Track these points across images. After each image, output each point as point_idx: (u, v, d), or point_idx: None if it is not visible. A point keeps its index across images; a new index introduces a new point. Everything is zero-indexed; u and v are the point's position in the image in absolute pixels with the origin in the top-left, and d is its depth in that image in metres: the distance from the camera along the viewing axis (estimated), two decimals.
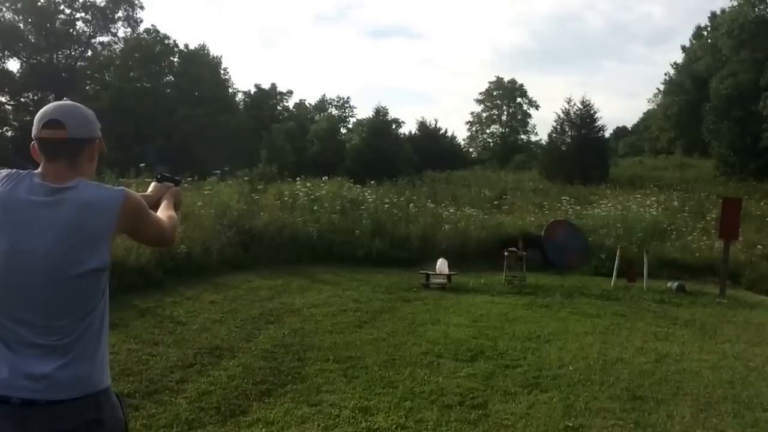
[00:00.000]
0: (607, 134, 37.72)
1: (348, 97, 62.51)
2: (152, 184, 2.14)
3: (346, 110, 59.07)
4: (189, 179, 14.80)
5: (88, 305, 1.64)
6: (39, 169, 1.68)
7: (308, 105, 58.91)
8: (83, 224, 1.60)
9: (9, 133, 40.18)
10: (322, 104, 59.53)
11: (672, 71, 46.57)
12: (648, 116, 52.46)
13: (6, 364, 1.56)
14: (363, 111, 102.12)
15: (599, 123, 32.33)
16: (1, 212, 1.61)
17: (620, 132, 59.40)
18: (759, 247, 12.84)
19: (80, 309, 1.62)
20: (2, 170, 1.71)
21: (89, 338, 1.64)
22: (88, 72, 41.96)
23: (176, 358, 5.27)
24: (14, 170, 1.69)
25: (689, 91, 40.32)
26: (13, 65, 40.88)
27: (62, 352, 1.58)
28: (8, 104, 40.56)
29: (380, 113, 42.56)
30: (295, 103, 57.18)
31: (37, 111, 1.74)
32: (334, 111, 58.27)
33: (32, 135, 1.70)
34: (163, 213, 1.95)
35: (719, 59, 35.35)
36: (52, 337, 1.58)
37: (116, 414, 1.69)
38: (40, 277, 1.58)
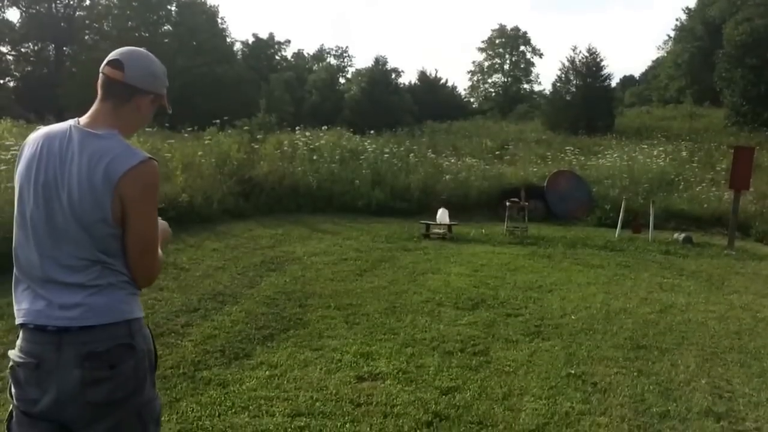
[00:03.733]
0: (613, 83, 36.87)
1: (346, 47, 61.17)
2: None
3: (345, 60, 57.90)
4: (189, 129, 14.59)
5: (113, 247, 1.67)
6: (84, 115, 1.74)
7: (306, 54, 57.79)
8: (92, 175, 1.62)
9: (11, 84, 39.97)
10: (321, 54, 58.30)
11: (683, 17, 45.07)
12: (657, 64, 51.11)
13: (41, 297, 1.65)
14: (362, 60, 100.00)
15: (605, 72, 31.62)
16: (39, 151, 1.67)
17: (627, 81, 58.18)
18: None
19: (106, 250, 1.66)
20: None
21: (118, 274, 1.69)
22: (87, 22, 41.15)
23: (181, 303, 5.29)
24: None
25: (701, 38, 39.11)
26: (13, 15, 40.14)
27: (93, 286, 1.65)
28: (9, 54, 40.12)
29: (379, 63, 41.70)
30: (294, 53, 56.18)
31: (38, 61, 1.72)
32: (332, 61, 57.10)
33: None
34: None
35: (734, 3, 34.05)
36: (82, 274, 1.64)
37: (147, 343, 1.75)
38: (68, 218, 1.63)
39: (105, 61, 1.74)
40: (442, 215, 10.44)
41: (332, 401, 3.46)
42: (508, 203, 11.09)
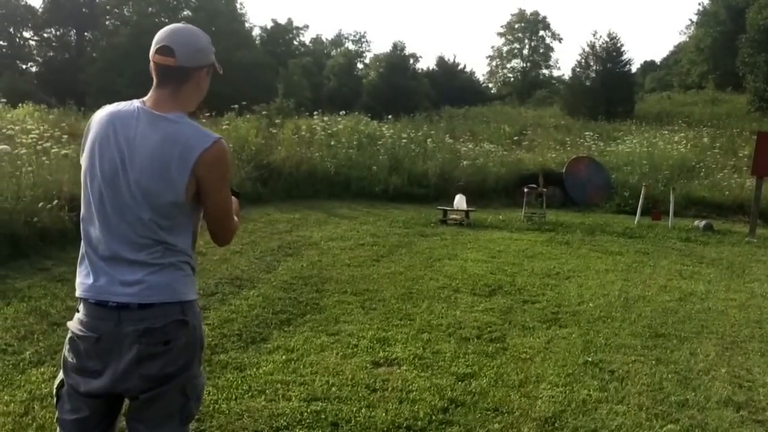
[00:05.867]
0: (634, 69, 36.29)
1: (365, 32, 60.81)
2: None
3: (363, 45, 57.67)
4: (207, 115, 14.65)
5: (178, 225, 1.73)
6: (146, 97, 1.78)
7: (324, 40, 57.66)
8: (165, 158, 1.67)
9: (33, 69, 40.81)
10: (339, 39, 58.13)
11: (706, 1, 43.95)
12: (679, 49, 50.10)
13: (104, 273, 1.71)
14: (380, 46, 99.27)
15: (626, 57, 31.17)
16: (106, 130, 1.71)
17: (648, 66, 57.05)
18: None
19: (171, 228, 1.72)
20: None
21: (179, 254, 1.76)
22: (108, 7, 41.44)
23: (198, 287, 5.27)
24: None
25: (724, 22, 38.19)
26: (36, 1, 40.72)
27: (154, 264, 1.71)
28: (32, 40, 40.93)
29: (397, 48, 41.46)
30: (312, 38, 56.08)
31: (60, 46, 1.74)
32: (350, 46, 56.91)
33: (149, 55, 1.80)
34: None
35: None
36: (145, 252, 1.70)
37: (198, 321, 1.84)
38: (136, 197, 1.68)
39: (153, 48, 1.75)
40: (460, 201, 10.39)
41: (348, 386, 3.49)
42: (526, 189, 10.99)
